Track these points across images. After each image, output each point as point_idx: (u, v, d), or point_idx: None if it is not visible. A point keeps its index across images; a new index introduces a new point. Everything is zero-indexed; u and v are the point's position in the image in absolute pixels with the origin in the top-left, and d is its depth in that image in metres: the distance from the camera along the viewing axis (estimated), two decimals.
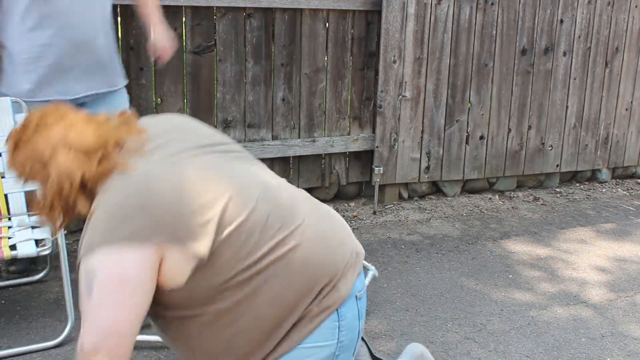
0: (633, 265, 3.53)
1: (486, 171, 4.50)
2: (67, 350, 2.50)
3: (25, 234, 2.56)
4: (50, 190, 1.45)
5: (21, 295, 2.88)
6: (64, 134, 1.49)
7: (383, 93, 4.04)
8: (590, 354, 2.65)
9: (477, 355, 2.59)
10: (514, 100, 4.47)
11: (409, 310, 2.92)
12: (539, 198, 4.58)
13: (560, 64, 4.55)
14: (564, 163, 4.77)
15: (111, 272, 1.35)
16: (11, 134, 1.53)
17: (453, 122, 4.31)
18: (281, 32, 3.77)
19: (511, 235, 3.87)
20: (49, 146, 1.48)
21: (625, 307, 3.05)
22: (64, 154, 1.47)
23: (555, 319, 2.91)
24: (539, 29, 4.42)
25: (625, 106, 4.88)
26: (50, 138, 1.48)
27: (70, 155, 1.47)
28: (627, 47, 4.75)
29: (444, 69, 4.20)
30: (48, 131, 1.49)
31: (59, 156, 1.46)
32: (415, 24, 4.03)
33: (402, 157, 4.20)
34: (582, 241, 3.84)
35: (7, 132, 2.78)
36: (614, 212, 4.39)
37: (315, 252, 1.52)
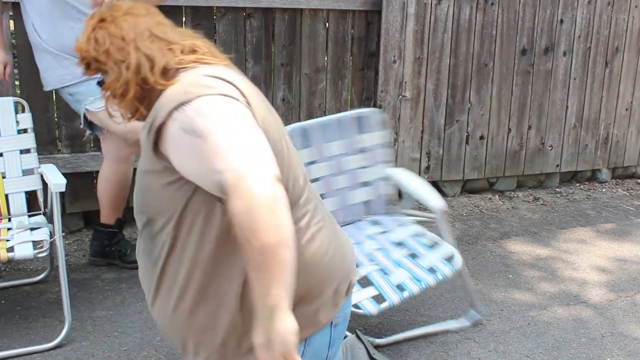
0: (633, 265, 3.53)
1: (486, 171, 4.50)
2: (67, 350, 2.50)
3: (23, 236, 2.56)
4: (128, 70, 1.40)
5: (21, 296, 2.88)
6: (150, 24, 1.46)
7: (383, 93, 4.04)
8: (590, 354, 2.65)
9: (477, 355, 2.59)
10: (514, 100, 4.46)
11: (409, 310, 2.92)
12: (539, 198, 4.58)
13: (560, 64, 4.55)
14: (564, 163, 4.77)
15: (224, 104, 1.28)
16: (97, 12, 1.48)
17: (453, 122, 4.31)
18: (281, 32, 3.77)
19: (511, 235, 3.87)
20: (134, 29, 1.44)
21: (625, 307, 3.04)
22: (149, 39, 1.43)
23: (555, 319, 2.91)
24: (539, 29, 4.42)
25: (625, 106, 4.88)
26: (137, 24, 1.44)
27: (155, 42, 1.43)
28: (627, 47, 4.75)
29: (444, 69, 4.20)
30: (136, 18, 1.45)
31: (143, 39, 1.43)
32: (415, 24, 4.03)
33: (402, 157, 4.20)
34: (582, 241, 3.84)
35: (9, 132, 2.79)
36: (614, 212, 4.39)
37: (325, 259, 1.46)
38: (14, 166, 2.79)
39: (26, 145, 2.82)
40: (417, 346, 2.63)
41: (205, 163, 1.21)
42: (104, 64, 1.43)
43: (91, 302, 2.86)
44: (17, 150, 2.80)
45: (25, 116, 2.82)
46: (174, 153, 1.29)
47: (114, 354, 2.49)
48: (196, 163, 1.24)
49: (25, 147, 2.81)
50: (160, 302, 1.43)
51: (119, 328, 2.67)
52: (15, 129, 2.80)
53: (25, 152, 2.81)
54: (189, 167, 1.27)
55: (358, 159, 2.85)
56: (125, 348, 2.53)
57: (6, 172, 2.78)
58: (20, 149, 2.80)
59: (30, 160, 2.82)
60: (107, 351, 2.51)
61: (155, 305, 1.45)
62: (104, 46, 1.42)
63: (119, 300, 2.88)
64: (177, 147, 1.27)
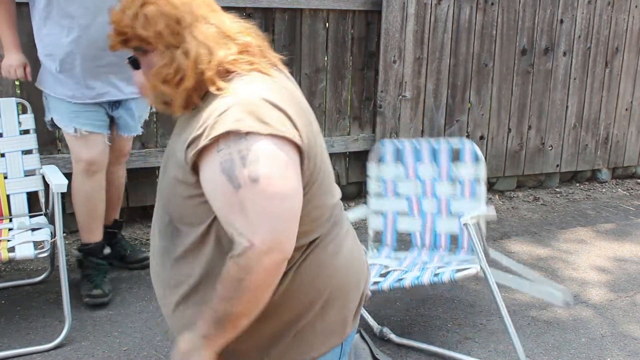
0: (633, 265, 3.53)
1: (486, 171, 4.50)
2: (67, 351, 2.50)
3: (24, 236, 2.56)
4: (187, 59, 1.30)
5: (21, 296, 2.88)
6: (206, 9, 1.36)
7: (383, 93, 4.04)
8: (590, 354, 2.65)
9: (477, 356, 2.59)
10: (514, 100, 4.47)
11: (409, 310, 2.92)
12: (539, 198, 4.58)
13: (560, 64, 4.55)
14: (564, 163, 4.77)
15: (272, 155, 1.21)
16: None
17: (453, 122, 4.31)
18: (281, 32, 3.77)
19: (511, 235, 3.87)
20: (191, 13, 1.33)
21: (625, 307, 3.05)
22: (205, 27, 1.33)
23: (555, 319, 2.91)
24: (539, 29, 4.42)
25: (625, 106, 4.88)
26: (193, 7, 1.34)
27: (214, 31, 1.33)
28: (627, 47, 4.75)
29: (444, 69, 4.20)
30: (192, 2, 1.35)
31: (201, 26, 1.32)
32: (415, 24, 4.03)
33: None
34: (582, 241, 3.84)
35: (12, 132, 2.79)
36: (614, 212, 4.39)
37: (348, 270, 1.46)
38: (16, 167, 2.79)
39: (28, 146, 2.82)
40: (417, 346, 2.63)
41: (228, 211, 1.21)
42: (151, 45, 1.33)
43: None
44: (19, 151, 2.80)
45: (27, 117, 2.82)
46: (205, 179, 1.25)
47: (114, 354, 2.49)
48: (220, 204, 1.23)
49: (27, 147, 2.81)
50: (169, 297, 1.42)
51: (119, 328, 2.67)
52: (17, 129, 2.80)
53: (27, 153, 2.81)
54: (212, 200, 1.25)
55: (448, 186, 2.80)
56: (125, 348, 2.53)
57: (8, 172, 2.78)
58: (22, 150, 2.80)
59: (32, 161, 2.81)
60: (107, 351, 2.51)
61: (163, 299, 1.45)
62: (156, 27, 1.31)
63: (119, 300, 2.88)
64: (210, 178, 1.24)
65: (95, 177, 2.76)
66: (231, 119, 1.21)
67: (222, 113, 1.23)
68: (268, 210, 1.19)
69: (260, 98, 1.26)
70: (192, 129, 1.28)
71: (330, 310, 1.41)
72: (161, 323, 2.70)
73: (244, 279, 1.19)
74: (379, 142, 2.89)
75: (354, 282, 1.46)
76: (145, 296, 2.93)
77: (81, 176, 2.75)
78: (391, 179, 2.86)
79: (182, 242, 1.36)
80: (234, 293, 1.21)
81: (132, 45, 1.35)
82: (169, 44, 1.32)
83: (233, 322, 1.24)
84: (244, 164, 1.19)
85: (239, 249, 1.19)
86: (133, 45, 1.35)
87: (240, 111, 1.23)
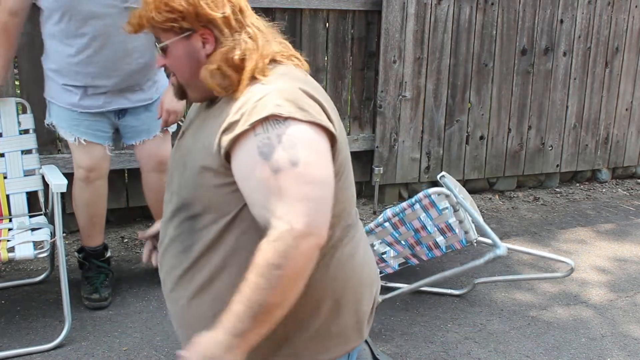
0: (633, 265, 3.53)
1: (486, 171, 4.50)
2: (67, 351, 2.50)
3: (24, 236, 2.56)
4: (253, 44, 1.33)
5: (21, 296, 2.88)
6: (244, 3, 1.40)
7: (383, 93, 4.04)
8: (590, 354, 2.65)
9: (477, 355, 2.59)
10: (514, 100, 4.47)
11: (408, 310, 2.92)
12: (539, 198, 4.58)
13: (560, 64, 4.55)
14: (564, 163, 4.77)
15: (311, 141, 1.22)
16: None
17: (453, 122, 4.31)
18: (281, 32, 3.76)
19: (511, 235, 3.87)
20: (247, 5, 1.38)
21: (625, 307, 3.05)
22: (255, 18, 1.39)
23: (555, 319, 2.91)
24: (539, 29, 4.42)
25: (625, 106, 4.88)
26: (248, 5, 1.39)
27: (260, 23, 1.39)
28: (627, 47, 4.75)
29: (444, 69, 4.20)
30: None
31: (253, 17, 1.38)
32: (415, 24, 4.03)
33: (402, 157, 4.20)
34: (582, 241, 3.84)
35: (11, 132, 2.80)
36: (614, 212, 4.39)
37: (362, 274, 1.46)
38: (16, 167, 2.79)
39: (28, 146, 2.81)
40: (417, 346, 2.63)
41: (264, 195, 1.19)
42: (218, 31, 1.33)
43: None
44: (19, 150, 2.80)
45: (27, 117, 2.82)
46: (239, 163, 1.24)
47: (114, 354, 2.49)
48: (255, 188, 1.21)
49: (27, 147, 2.81)
50: (180, 291, 1.39)
51: (119, 328, 2.67)
52: (17, 129, 2.80)
53: (26, 153, 2.81)
54: (246, 185, 1.23)
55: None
56: (125, 348, 2.53)
57: (7, 172, 2.78)
58: (21, 150, 2.80)
59: (32, 160, 2.81)
60: (107, 351, 2.51)
61: (172, 293, 1.41)
62: (224, 9, 1.33)
63: (119, 300, 2.88)
64: (246, 162, 1.22)
65: (94, 185, 2.76)
66: (271, 104, 1.22)
67: (261, 99, 1.24)
68: (307, 195, 1.17)
69: (297, 87, 1.28)
70: (225, 116, 1.28)
71: (345, 313, 1.40)
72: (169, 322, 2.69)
73: (281, 265, 1.14)
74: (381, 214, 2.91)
75: (367, 286, 1.46)
76: (145, 296, 2.93)
77: (81, 183, 2.76)
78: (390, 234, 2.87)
79: (203, 235, 1.33)
80: (269, 281, 1.15)
81: (182, 25, 1.33)
82: (232, 29, 1.34)
83: (268, 314, 1.17)
84: (283, 147, 1.19)
85: (276, 232, 1.15)
86: (183, 26, 1.33)
87: (279, 97, 1.24)
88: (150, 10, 1.32)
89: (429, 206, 2.55)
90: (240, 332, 1.17)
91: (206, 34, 1.33)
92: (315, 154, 1.21)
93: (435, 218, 2.58)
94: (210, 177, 1.29)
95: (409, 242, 2.72)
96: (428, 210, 2.58)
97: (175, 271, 1.39)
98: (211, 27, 1.33)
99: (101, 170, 2.75)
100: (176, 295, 1.40)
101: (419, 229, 2.63)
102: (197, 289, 1.35)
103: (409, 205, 2.54)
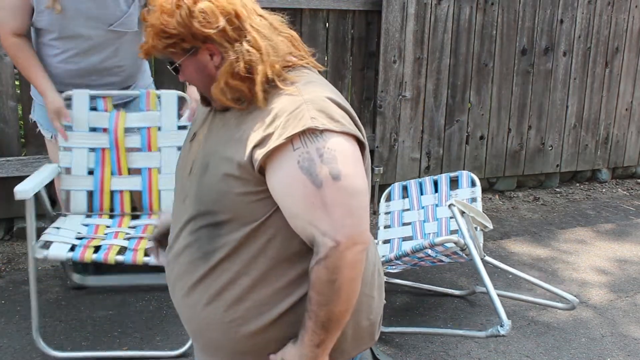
0: (633, 265, 3.53)
1: (486, 171, 4.50)
2: (67, 351, 2.50)
3: None
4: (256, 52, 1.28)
5: (21, 295, 2.88)
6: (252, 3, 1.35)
7: (383, 93, 4.04)
8: (590, 354, 2.65)
9: (477, 355, 2.59)
10: (514, 100, 4.47)
11: (408, 310, 2.92)
12: (539, 198, 4.58)
13: (560, 64, 4.55)
14: (564, 163, 4.77)
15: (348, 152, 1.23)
16: None
17: (453, 122, 4.31)
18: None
19: (511, 235, 3.87)
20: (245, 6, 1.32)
21: (625, 308, 3.05)
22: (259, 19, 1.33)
23: (555, 319, 2.91)
24: (539, 29, 4.42)
25: (625, 106, 4.88)
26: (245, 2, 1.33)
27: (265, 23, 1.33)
28: (627, 47, 4.75)
29: (444, 69, 4.20)
30: None
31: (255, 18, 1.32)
32: (415, 24, 4.03)
33: (402, 157, 4.20)
34: (582, 241, 3.84)
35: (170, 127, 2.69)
36: (614, 212, 4.39)
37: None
38: (171, 162, 2.67)
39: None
40: (417, 346, 2.63)
41: (307, 210, 1.21)
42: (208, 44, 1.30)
43: (91, 302, 2.86)
44: (175, 146, 2.69)
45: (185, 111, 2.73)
46: (278, 178, 1.23)
47: (113, 354, 2.49)
48: (297, 203, 1.22)
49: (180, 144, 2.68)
50: (196, 296, 1.36)
51: (119, 328, 2.67)
52: (175, 124, 2.70)
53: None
54: (287, 201, 1.23)
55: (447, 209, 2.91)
56: (125, 348, 2.53)
57: (162, 167, 2.69)
58: (177, 146, 2.69)
59: None
60: (107, 351, 2.51)
61: (187, 299, 1.38)
62: (218, 22, 1.28)
63: (119, 300, 2.88)
64: (285, 177, 1.22)
65: None
66: (307, 117, 1.22)
67: (293, 111, 1.23)
68: (350, 206, 1.20)
69: (325, 97, 1.27)
70: (254, 126, 1.26)
71: (360, 316, 1.40)
72: None
73: (335, 279, 1.20)
74: (391, 186, 3.15)
75: (377, 288, 1.46)
76: (145, 296, 2.93)
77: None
78: (398, 211, 3.04)
79: (224, 242, 1.32)
80: (330, 296, 1.21)
81: (183, 47, 1.31)
82: (232, 39, 1.30)
83: (337, 321, 1.25)
84: (323, 161, 1.20)
85: (324, 250, 1.20)
86: (184, 47, 1.31)
87: (313, 109, 1.23)
88: (151, 40, 1.32)
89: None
90: (319, 342, 1.26)
91: (211, 47, 1.31)
92: (352, 164, 1.23)
93: (441, 251, 2.58)
94: (235, 185, 1.27)
95: (411, 263, 2.72)
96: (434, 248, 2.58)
97: (190, 277, 1.37)
98: (211, 42, 1.31)
99: None
100: (191, 300, 1.37)
101: (423, 257, 2.63)
102: (214, 294, 1.34)
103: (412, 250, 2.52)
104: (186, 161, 1.44)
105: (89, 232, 2.54)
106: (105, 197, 2.68)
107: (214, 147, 1.34)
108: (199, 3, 1.27)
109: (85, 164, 2.67)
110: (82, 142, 2.66)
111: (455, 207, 2.54)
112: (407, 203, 3.06)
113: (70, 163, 2.65)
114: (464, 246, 2.47)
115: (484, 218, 2.73)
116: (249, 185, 1.26)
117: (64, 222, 2.59)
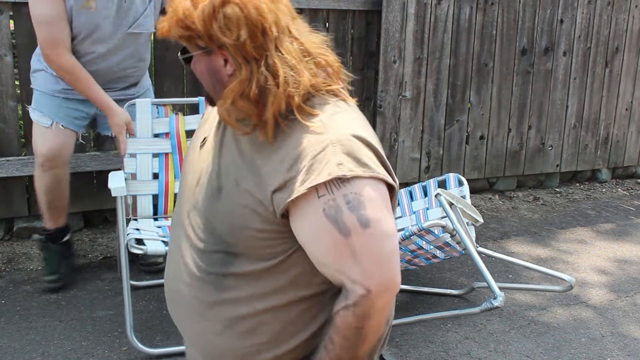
0: (633, 265, 3.53)
1: (486, 171, 4.50)
2: (67, 351, 2.49)
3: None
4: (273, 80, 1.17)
5: (21, 295, 2.88)
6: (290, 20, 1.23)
7: (383, 93, 4.04)
8: (590, 354, 2.65)
9: (477, 355, 2.59)
10: (514, 100, 4.46)
11: (408, 310, 2.92)
12: (539, 198, 4.58)
13: (560, 64, 4.55)
14: (564, 163, 4.77)
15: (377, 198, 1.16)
16: None
17: (453, 122, 4.31)
18: None
19: (511, 235, 3.87)
20: (278, 24, 1.19)
21: (625, 308, 3.05)
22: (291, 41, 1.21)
23: (555, 319, 2.91)
24: (539, 29, 4.42)
25: (625, 106, 4.88)
26: (280, 17, 1.20)
27: (296, 47, 1.21)
28: (627, 47, 4.75)
29: (444, 69, 4.20)
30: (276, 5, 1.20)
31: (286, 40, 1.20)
32: (415, 24, 4.03)
33: (402, 157, 4.20)
34: (582, 241, 3.84)
35: None
36: (614, 212, 4.39)
37: None
38: None
39: None
40: (417, 346, 2.63)
41: (336, 259, 1.17)
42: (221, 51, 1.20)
43: (91, 302, 2.86)
44: None
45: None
46: (304, 226, 1.18)
47: (114, 354, 2.49)
48: (325, 252, 1.17)
49: None
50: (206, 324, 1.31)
51: (119, 328, 2.67)
52: None
53: None
54: (315, 249, 1.19)
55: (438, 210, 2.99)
56: (125, 348, 2.53)
57: None
58: None
59: None
60: (107, 351, 2.51)
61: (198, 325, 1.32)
62: (239, 32, 1.16)
63: (119, 300, 2.88)
64: (311, 225, 1.16)
65: (51, 172, 2.78)
66: (333, 163, 1.14)
67: (318, 155, 1.15)
68: (380, 253, 1.16)
69: (352, 135, 1.19)
70: (274, 161, 1.19)
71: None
72: None
73: (363, 326, 1.17)
74: None
75: None
76: (145, 296, 2.93)
77: (39, 170, 2.78)
78: None
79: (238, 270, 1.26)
80: (356, 341, 1.19)
81: (198, 43, 1.22)
82: (249, 56, 1.18)
83: (360, 358, 1.23)
84: (350, 209, 1.14)
85: (353, 297, 1.16)
86: (199, 44, 1.22)
87: (339, 152, 1.15)
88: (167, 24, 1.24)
89: (424, 234, 2.57)
90: None
91: (226, 54, 1.21)
92: (381, 210, 1.17)
93: (432, 241, 2.61)
94: (254, 221, 1.21)
95: (405, 259, 2.75)
96: (424, 237, 2.60)
97: (200, 298, 1.31)
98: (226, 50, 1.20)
99: (60, 159, 2.78)
100: (202, 326, 1.32)
101: (415, 249, 2.65)
102: (229, 322, 1.29)
103: (402, 238, 2.55)
104: (194, 168, 1.36)
105: (164, 231, 2.65)
106: (170, 200, 2.76)
107: (227, 168, 1.27)
108: (227, 6, 1.16)
109: (150, 169, 2.75)
110: (146, 148, 2.74)
111: (442, 195, 2.59)
112: (399, 211, 3.10)
113: (135, 169, 2.73)
114: (453, 231, 2.49)
115: (473, 211, 2.75)
116: (268, 223, 1.21)
117: (140, 224, 2.69)
